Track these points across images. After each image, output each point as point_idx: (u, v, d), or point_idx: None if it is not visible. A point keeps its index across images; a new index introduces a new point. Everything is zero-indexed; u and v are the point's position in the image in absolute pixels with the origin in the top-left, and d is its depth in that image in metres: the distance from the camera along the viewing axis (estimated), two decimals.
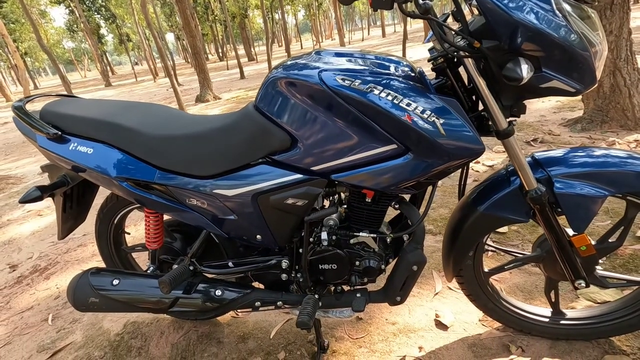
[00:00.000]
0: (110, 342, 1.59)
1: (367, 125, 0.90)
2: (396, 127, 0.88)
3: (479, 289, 1.25)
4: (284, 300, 1.21)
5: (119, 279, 1.20)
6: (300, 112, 0.95)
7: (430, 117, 0.86)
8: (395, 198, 1.10)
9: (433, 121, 0.86)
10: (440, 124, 0.86)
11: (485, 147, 0.89)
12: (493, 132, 0.95)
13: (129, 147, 1.12)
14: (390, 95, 0.86)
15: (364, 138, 0.92)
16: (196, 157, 1.08)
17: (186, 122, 1.15)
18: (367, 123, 0.90)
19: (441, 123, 0.86)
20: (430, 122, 0.86)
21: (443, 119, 0.86)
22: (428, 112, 0.86)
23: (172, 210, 1.15)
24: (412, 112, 0.86)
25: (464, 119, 0.87)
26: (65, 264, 2.33)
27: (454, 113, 0.87)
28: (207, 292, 1.20)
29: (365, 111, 0.88)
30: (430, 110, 0.86)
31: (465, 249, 1.15)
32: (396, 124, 0.87)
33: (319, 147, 0.97)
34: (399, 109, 0.86)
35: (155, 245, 1.29)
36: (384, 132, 0.90)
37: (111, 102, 1.26)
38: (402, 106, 0.86)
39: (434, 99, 0.87)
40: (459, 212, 1.18)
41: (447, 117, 0.86)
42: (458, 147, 0.87)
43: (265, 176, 1.04)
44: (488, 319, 1.41)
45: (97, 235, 1.49)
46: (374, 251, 1.15)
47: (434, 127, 0.86)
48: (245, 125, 1.04)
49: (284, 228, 1.12)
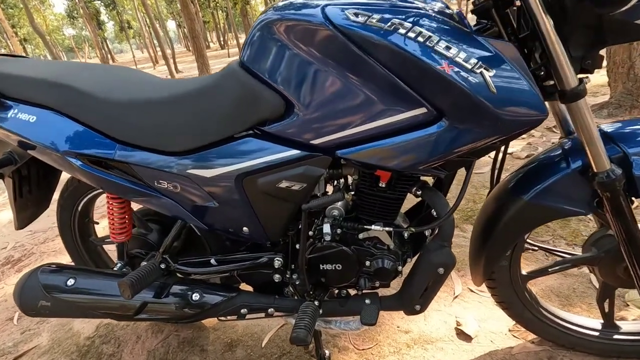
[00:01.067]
0: (79, 347, 1.38)
1: (387, 80, 0.66)
2: (428, 83, 0.64)
3: (515, 295, 1.02)
4: (277, 306, 0.99)
5: (74, 279, 0.98)
6: (297, 65, 0.72)
7: (477, 68, 0.62)
8: (416, 182, 0.86)
9: (480, 72, 0.62)
10: (490, 77, 0.62)
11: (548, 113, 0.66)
12: (554, 94, 0.71)
13: (82, 115, 0.89)
14: (422, 35, 0.62)
15: (383, 99, 0.68)
16: (166, 128, 0.85)
17: (155, 86, 0.92)
18: (387, 77, 0.66)
19: (491, 76, 0.62)
20: (477, 74, 0.62)
21: (494, 71, 0.62)
22: (474, 60, 0.62)
23: (138, 195, 0.93)
24: (451, 59, 0.62)
25: (523, 71, 0.63)
26: (40, 255, 2.12)
27: (509, 62, 0.63)
28: (183, 295, 0.98)
29: (385, 59, 0.65)
30: (477, 57, 0.62)
31: (502, 247, 0.93)
32: (428, 77, 0.63)
33: (321, 114, 0.73)
34: (433, 55, 0.62)
35: (122, 237, 1.07)
36: (410, 90, 0.66)
37: (65, 63, 1.02)
38: (439, 51, 0.62)
39: (483, 43, 0.63)
40: (494, 202, 0.95)
41: (499, 67, 0.62)
42: (513, 111, 0.64)
43: (252, 153, 0.81)
44: (520, 329, 1.19)
45: (59, 225, 1.27)
46: (389, 248, 0.92)
47: (481, 81, 0.62)
48: (227, 87, 0.80)
49: (277, 218, 0.89)
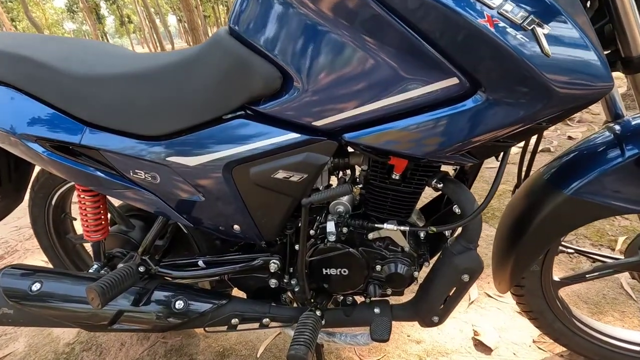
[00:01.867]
0: (57, 354, 1.26)
1: (409, 42, 0.53)
2: (464, 43, 0.50)
3: (545, 303, 0.89)
4: (273, 316, 0.86)
5: (40, 283, 0.85)
6: (298, 28, 0.58)
7: (528, 23, 0.48)
8: (436, 174, 0.73)
9: (532, 30, 0.48)
10: (545, 36, 0.48)
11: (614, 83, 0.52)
12: (616, 63, 0.58)
13: (43, 92, 0.75)
14: None
15: (404, 68, 0.55)
16: (141, 108, 0.72)
17: (129, 59, 0.78)
18: (409, 39, 0.52)
19: (546, 34, 0.48)
20: (528, 32, 0.48)
21: (550, 28, 0.49)
22: (524, 12, 0.48)
23: (111, 187, 0.80)
24: (497, 11, 0.48)
25: (588, 29, 0.50)
26: (24, 252, 2.00)
27: (570, 18, 0.49)
28: (165, 302, 0.85)
29: (410, 14, 0.51)
30: (529, 10, 0.48)
31: (535, 250, 0.79)
32: (465, 35, 0.49)
33: (327, 89, 0.60)
34: (473, 5, 0.49)
35: (97, 235, 0.94)
36: (438, 54, 0.52)
37: (27, 35, 0.89)
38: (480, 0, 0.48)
39: None
40: (525, 198, 0.81)
41: (557, 24, 0.49)
42: (570, 81, 0.50)
43: (243, 137, 0.68)
44: (546, 340, 1.06)
45: (32, 221, 1.14)
46: (403, 251, 0.79)
47: (532, 41, 0.49)
48: (213, 59, 0.67)
49: (272, 215, 0.77)
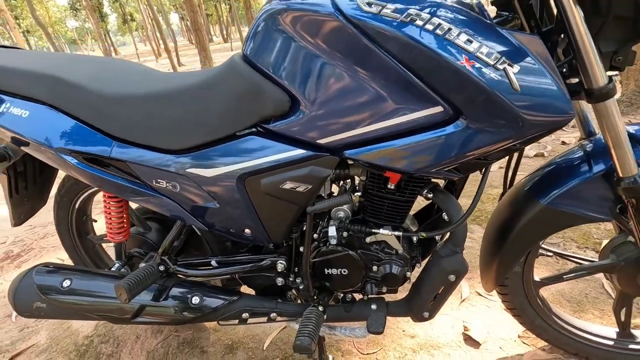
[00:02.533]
0: (77, 346, 1.36)
1: (400, 76, 0.62)
2: (446, 79, 0.59)
3: (527, 302, 0.98)
4: (279, 311, 0.96)
5: (70, 280, 0.95)
6: (304, 59, 0.67)
7: (500, 63, 0.57)
8: (427, 184, 0.82)
9: (504, 69, 0.57)
10: (514, 74, 0.57)
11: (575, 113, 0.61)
12: (581, 93, 0.66)
13: (77, 110, 0.85)
14: (441, 28, 0.57)
15: (396, 97, 0.64)
16: (164, 125, 0.81)
17: (152, 79, 0.87)
18: (400, 73, 0.61)
19: (515, 72, 0.57)
20: (499, 71, 0.57)
21: (518, 67, 0.57)
22: (496, 55, 0.57)
23: (135, 195, 0.89)
24: (473, 54, 0.57)
25: (550, 67, 0.59)
26: (40, 250, 2.10)
27: (535, 58, 0.58)
28: (182, 298, 0.94)
29: (399, 53, 0.60)
30: (500, 52, 0.57)
31: (516, 253, 0.88)
32: (447, 73, 0.58)
33: (329, 111, 0.69)
34: (452, 49, 0.57)
35: (120, 237, 1.03)
36: (425, 87, 0.61)
37: (59, 54, 0.98)
38: (459, 45, 0.57)
39: (506, 36, 0.58)
40: (508, 206, 0.90)
41: (525, 63, 0.58)
42: (537, 111, 0.59)
43: (255, 152, 0.77)
44: (530, 335, 1.15)
45: (56, 223, 1.24)
46: (397, 253, 0.88)
47: (504, 78, 0.57)
48: (229, 82, 0.76)
49: (280, 220, 0.86)
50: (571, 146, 0.86)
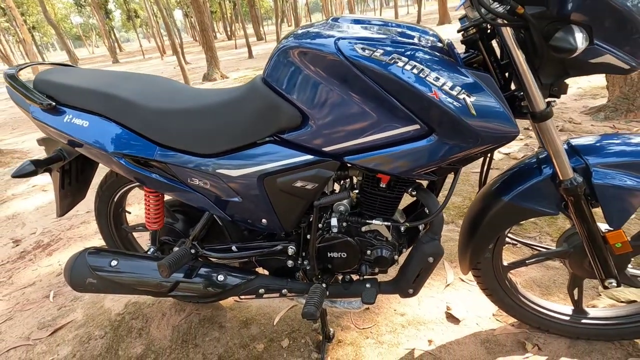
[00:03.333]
0: (111, 321, 1.56)
1: (387, 102, 0.81)
2: (421, 105, 0.78)
3: (497, 283, 1.17)
4: (289, 288, 1.15)
5: (117, 260, 1.15)
6: (312, 86, 0.86)
7: (460, 94, 0.76)
8: (412, 184, 1.01)
9: (463, 99, 0.76)
10: (471, 102, 0.76)
11: (519, 131, 0.80)
12: (527, 114, 0.85)
13: (127, 121, 1.04)
14: (416, 68, 0.76)
15: (384, 117, 0.83)
16: (198, 134, 1.00)
17: (189, 96, 1.07)
18: (387, 100, 0.80)
19: (472, 101, 0.76)
20: (460, 100, 0.76)
21: (474, 97, 0.76)
22: (458, 88, 0.76)
23: (173, 190, 1.08)
24: (439, 88, 0.76)
25: (498, 97, 0.77)
26: (67, 240, 2.30)
27: (486, 90, 0.77)
28: (209, 276, 1.14)
29: (386, 86, 0.79)
30: (460, 86, 0.76)
31: (485, 241, 1.07)
32: (421, 101, 0.77)
33: (332, 126, 0.88)
34: (425, 84, 0.76)
35: (155, 226, 1.23)
36: (406, 110, 0.80)
37: (109, 73, 1.18)
38: (429, 81, 0.76)
39: (465, 74, 0.77)
40: (480, 201, 1.09)
41: (478, 94, 0.77)
42: (489, 129, 0.78)
43: (272, 156, 0.96)
44: (502, 314, 1.34)
45: (96, 214, 1.44)
46: (387, 240, 1.07)
47: (463, 105, 0.76)
48: (251, 100, 0.95)
49: (291, 212, 1.05)
50: None
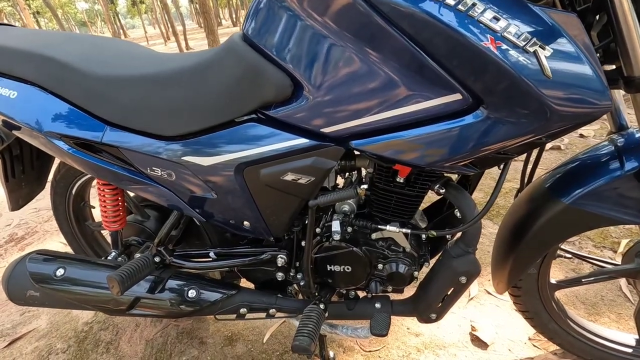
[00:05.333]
0: (77, 332, 1.35)
1: (415, 59, 0.55)
2: (467, 63, 0.52)
3: (541, 305, 0.93)
4: (279, 306, 0.92)
5: (64, 268, 0.91)
6: (309, 39, 0.61)
7: (530, 45, 0.50)
8: (439, 179, 0.76)
9: (534, 52, 0.50)
10: (546, 58, 0.50)
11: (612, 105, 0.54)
12: (619, 81, 0.59)
13: (66, 91, 0.80)
14: (464, 3, 0.50)
15: (409, 83, 0.57)
16: (159, 109, 0.76)
17: (148, 61, 0.82)
18: (416, 56, 0.55)
19: (548, 56, 0.50)
20: (530, 54, 0.50)
21: (551, 50, 0.50)
22: (527, 35, 0.50)
23: (130, 183, 0.84)
24: (499, 34, 0.50)
25: (588, 52, 0.51)
26: (44, 234, 2.09)
27: (572, 40, 0.51)
28: (179, 291, 0.91)
29: (415, 33, 0.53)
30: (532, 32, 0.50)
31: (533, 255, 0.82)
32: (468, 55, 0.52)
33: (335, 98, 0.63)
34: (476, 28, 0.50)
35: (115, 225, 1.00)
36: (443, 71, 0.55)
37: (49, 32, 0.93)
38: (484, 23, 0.50)
39: (540, 14, 0.51)
40: (526, 203, 0.84)
41: (559, 46, 0.50)
42: (570, 101, 0.52)
43: (254, 140, 0.71)
44: (541, 338, 1.10)
45: (53, 208, 1.21)
46: (404, 251, 0.83)
47: (534, 63, 0.50)
48: (227, 64, 0.70)
49: (280, 213, 0.81)
50: (592, 140, 0.79)
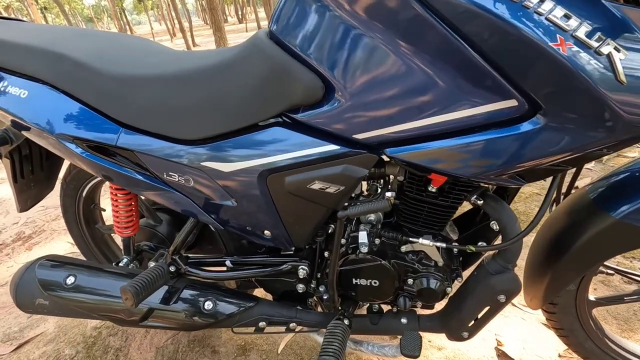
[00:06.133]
0: (85, 337, 1.31)
1: (467, 60, 0.49)
2: (530, 65, 0.47)
3: (578, 323, 0.87)
4: (299, 320, 0.87)
5: (74, 276, 0.87)
6: (343, 36, 0.55)
7: (604, 47, 0.44)
8: (476, 189, 0.71)
9: (608, 55, 0.44)
10: (621, 62, 0.44)
11: None
12: None
13: (79, 91, 0.75)
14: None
15: (458, 86, 0.52)
16: (178, 111, 0.71)
17: (166, 59, 0.77)
18: (467, 56, 0.49)
19: (623, 59, 0.45)
20: (602, 57, 0.45)
21: (628, 52, 0.45)
22: (600, 36, 0.44)
23: (144, 188, 0.80)
24: (569, 34, 0.45)
25: None
26: (51, 233, 2.06)
27: None
28: (194, 302, 0.86)
29: (469, 30, 0.48)
30: (606, 32, 0.44)
31: (575, 270, 0.76)
32: (532, 57, 0.46)
33: (371, 101, 0.57)
34: (544, 26, 0.45)
35: (128, 231, 0.95)
36: (498, 75, 0.49)
37: (63, 28, 0.88)
38: (553, 21, 0.45)
39: (615, 12, 0.45)
40: (567, 215, 0.78)
41: (635, 47, 0.45)
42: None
43: (279, 145, 0.66)
44: (572, 355, 1.04)
45: (63, 210, 1.17)
46: (436, 265, 0.77)
47: (606, 66, 0.45)
48: (252, 63, 0.64)
49: (305, 223, 0.76)
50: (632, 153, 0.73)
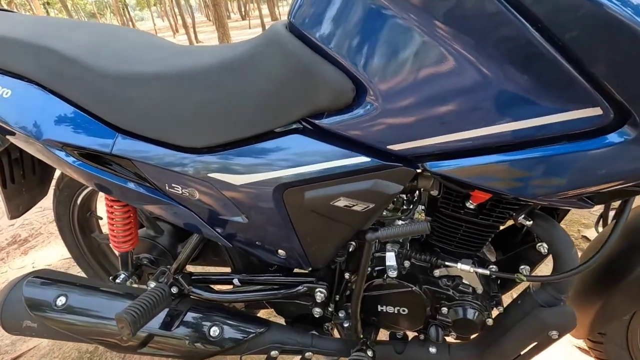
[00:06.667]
0: (81, 353, 1.22)
1: (542, 58, 0.40)
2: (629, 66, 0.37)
3: (628, 356, 0.78)
4: (316, 349, 0.78)
5: (65, 296, 0.78)
6: (379, 28, 0.46)
7: None
8: (524, 207, 0.61)
9: None
10: None
11: None
12: None
13: (70, 91, 0.66)
14: None
15: (525, 90, 0.42)
16: (182, 115, 0.61)
17: (168, 55, 0.67)
18: (540, 52, 0.39)
19: None
20: None
21: None
22: None
23: (143, 201, 0.71)
24: None
25: None
26: (48, 236, 1.98)
27: None
28: (199, 328, 0.77)
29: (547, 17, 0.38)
30: None
31: (632, 302, 0.67)
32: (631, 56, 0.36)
33: (412, 107, 0.48)
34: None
35: (126, 246, 0.86)
36: (581, 77, 0.39)
37: (55, 20, 0.79)
38: None
39: None
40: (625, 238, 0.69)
41: None
42: None
43: (299, 155, 0.57)
44: None
45: (56, 219, 1.08)
46: (474, 292, 0.68)
47: None
48: (268, 60, 0.55)
49: (324, 243, 0.66)
50: None
